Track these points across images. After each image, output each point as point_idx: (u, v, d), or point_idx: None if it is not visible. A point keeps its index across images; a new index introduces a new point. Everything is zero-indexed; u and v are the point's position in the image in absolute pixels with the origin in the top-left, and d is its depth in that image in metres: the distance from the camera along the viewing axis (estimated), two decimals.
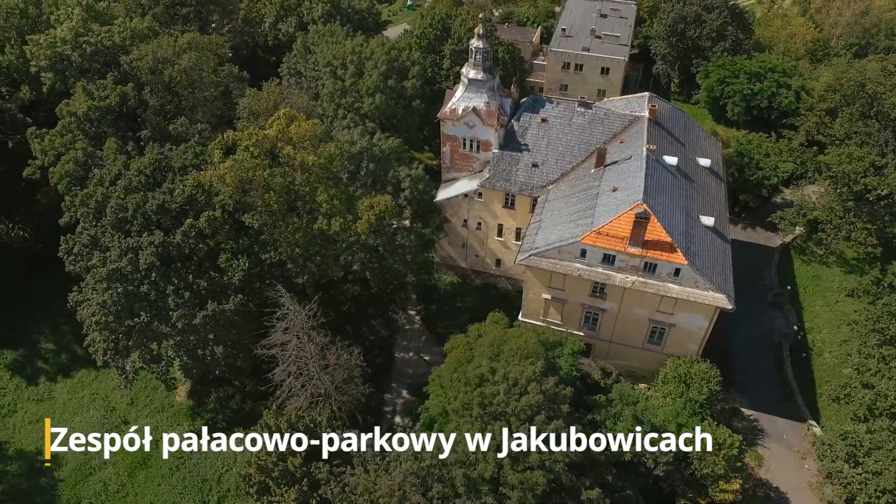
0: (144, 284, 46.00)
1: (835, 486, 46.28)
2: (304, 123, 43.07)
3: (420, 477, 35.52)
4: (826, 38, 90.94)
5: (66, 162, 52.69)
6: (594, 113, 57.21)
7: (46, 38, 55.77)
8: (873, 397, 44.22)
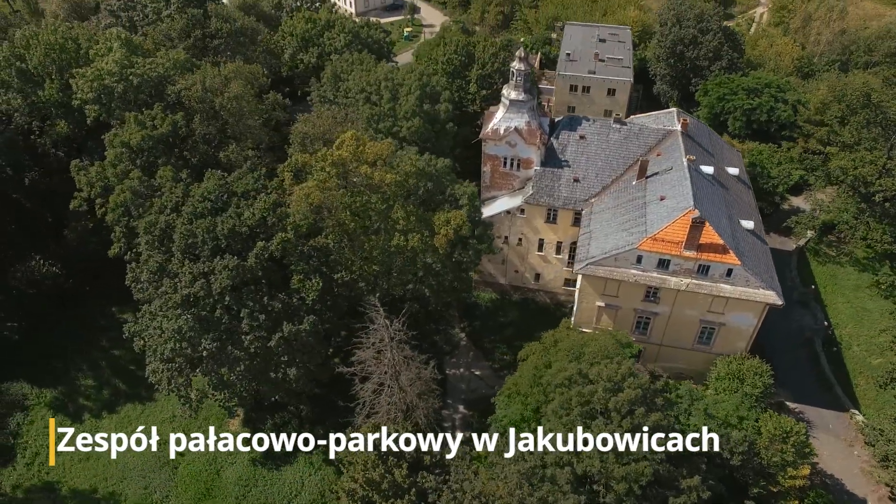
0: (217, 309, 46.38)
1: (892, 468, 48.84)
2: (379, 143, 44.65)
3: (528, 478, 36.64)
4: (809, 54, 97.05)
5: (121, 191, 52.98)
6: (629, 129, 60.30)
7: (93, 71, 56.26)
8: None
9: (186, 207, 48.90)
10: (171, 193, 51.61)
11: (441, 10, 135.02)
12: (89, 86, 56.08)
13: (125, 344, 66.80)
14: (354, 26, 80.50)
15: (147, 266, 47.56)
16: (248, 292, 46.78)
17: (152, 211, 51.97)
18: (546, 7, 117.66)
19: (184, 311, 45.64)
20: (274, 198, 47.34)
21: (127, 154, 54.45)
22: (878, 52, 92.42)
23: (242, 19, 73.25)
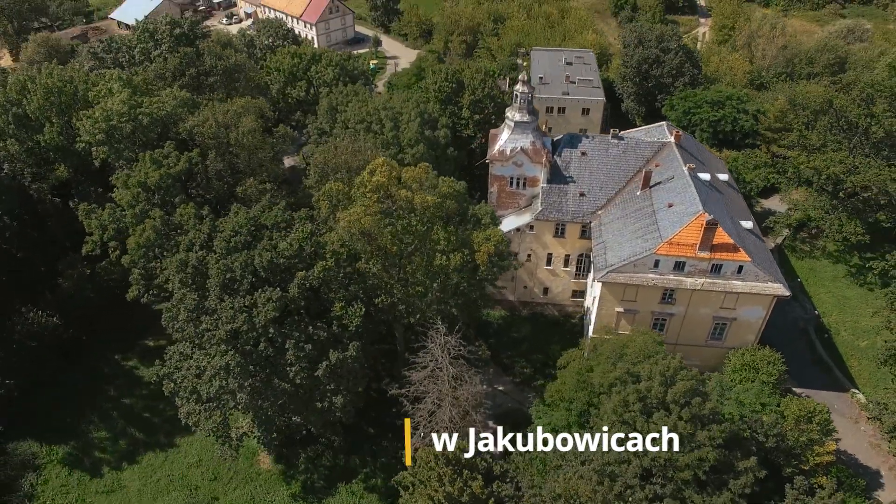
0: (261, 342, 46.42)
1: None
2: (417, 168, 46.23)
3: (604, 475, 38.30)
4: (758, 68, 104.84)
5: (142, 232, 52.39)
6: (626, 143, 63.99)
7: (102, 112, 55.68)
8: None
9: (218, 243, 48.89)
10: (197, 231, 51.44)
11: (402, 42, 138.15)
12: (98, 127, 55.40)
13: (136, 391, 65.93)
14: (339, 59, 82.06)
15: (184, 304, 47.09)
16: (291, 323, 47.01)
17: (179, 249, 51.66)
18: (508, 35, 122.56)
19: (229, 347, 45.40)
20: (310, 227, 47.96)
21: (144, 194, 53.89)
22: (818, 63, 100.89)
23: (235, 56, 73.69)
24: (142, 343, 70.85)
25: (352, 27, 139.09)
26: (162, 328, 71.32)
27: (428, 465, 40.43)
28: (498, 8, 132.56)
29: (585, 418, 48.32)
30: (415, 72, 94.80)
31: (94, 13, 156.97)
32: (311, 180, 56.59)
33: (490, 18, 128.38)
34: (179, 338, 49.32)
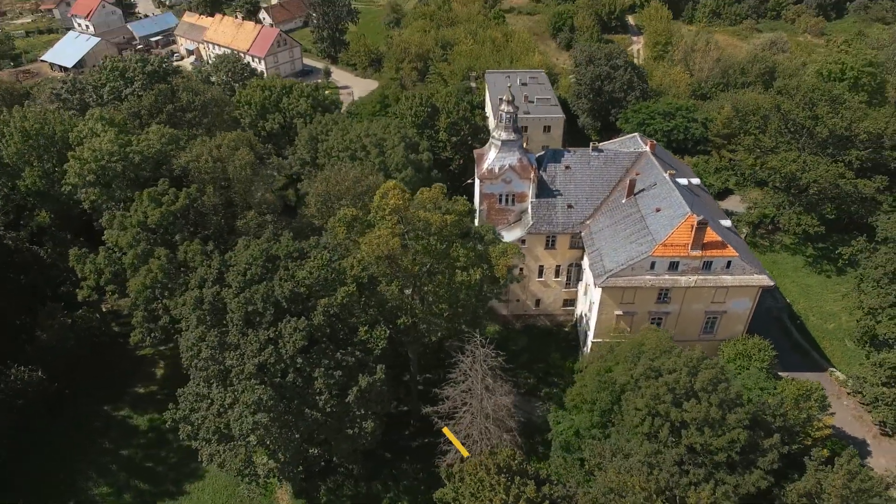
0: (290, 373, 46.13)
1: (882, 408, 57.59)
2: (432, 189, 47.52)
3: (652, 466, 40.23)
4: (698, 80, 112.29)
5: (147, 272, 51.17)
6: (605, 155, 67.46)
7: (92, 153, 54.14)
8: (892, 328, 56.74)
9: (233, 277, 48.32)
10: (206, 267, 50.67)
11: (351, 72, 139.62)
12: (88, 168, 53.85)
13: (133, 440, 63.50)
14: (310, 90, 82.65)
15: (206, 342, 46.21)
16: (317, 351, 46.93)
17: (189, 287, 50.71)
18: (458, 60, 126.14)
19: (259, 381, 44.85)
20: (328, 255, 48.25)
21: (144, 233, 52.67)
22: (750, 73, 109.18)
23: (210, 90, 73.00)
24: (131, 391, 68.26)
25: (300, 59, 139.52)
26: (150, 373, 70.35)
27: (477, 476, 41.12)
28: (445, 34, 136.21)
29: (608, 418, 50.34)
30: (378, 99, 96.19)
31: (21, 56, 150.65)
32: (311, 209, 56.77)
33: (438, 45, 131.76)
34: (198, 377, 48.03)
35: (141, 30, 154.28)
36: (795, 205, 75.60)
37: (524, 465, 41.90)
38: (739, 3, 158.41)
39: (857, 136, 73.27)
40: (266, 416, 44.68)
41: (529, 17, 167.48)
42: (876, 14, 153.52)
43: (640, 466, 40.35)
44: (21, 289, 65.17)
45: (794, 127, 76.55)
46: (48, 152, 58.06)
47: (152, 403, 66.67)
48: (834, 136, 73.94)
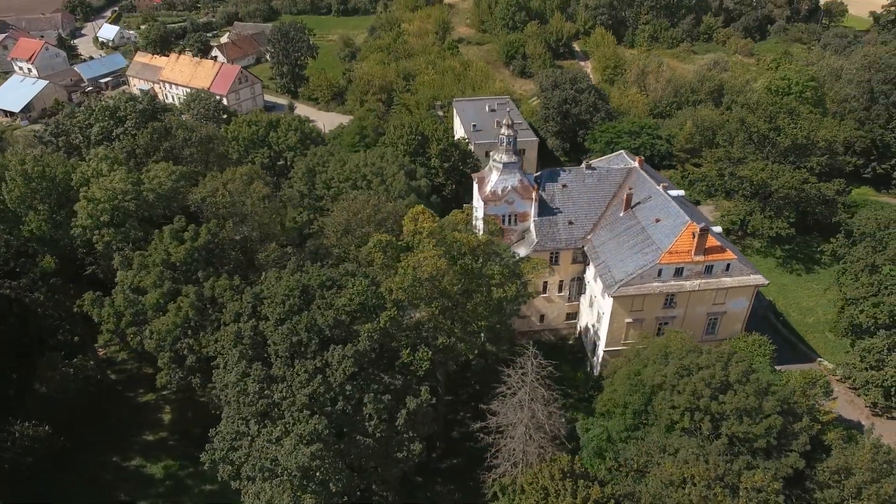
0: (340, 401, 46.37)
1: (873, 390, 62.45)
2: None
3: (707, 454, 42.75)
4: (653, 100, 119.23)
5: (177, 311, 50.42)
6: (598, 172, 71.10)
7: (105, 192, 52.99)
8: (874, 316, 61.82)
9: (271, 310, 48.36)
10: (239, 301, 50.41)
11: (314, 107, 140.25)
12: (101, 208, 52.72)
13: (150, 491, 61.24)
14: (297, 123, 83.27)
15: (253, 376, 45.88)
16: (364, 377, 47.38)
17: (221, 323, 50.27)
18: (422, 90, 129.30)
19: (311, 412, 44.86)
20: (366, 281, 49.01)
21: (169, 273, 51.90)
22: (700, 92, 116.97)
23: (205, 126, 72.51)
24: (138, 438, 65.88)
25: (261, 96, 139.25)
26: (156, 419, 68.14)
27: (539, 485, 42.38)
28: (406, 66, 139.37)
29: (640, 419, 52.71)
30: (356, 130, 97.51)
31: None
32: (332, 238, 57.27)
33: (401, 77, 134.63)
34: (235, 414, 47.25)
35: (88, 72, 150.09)
36: (766, 210, 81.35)
37: (585, 469, 43.48)
38: (674, 28, 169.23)
39: (815, 144, 80.00)
40: (320, 446, 44.62)
41: (479, 47, 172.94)
42: (794, 35, 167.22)
43: (695, 459, 42.68)
44: (18, 339, 62.27)
45: (758, 138, 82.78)
46: (50, 196, 56.43)
47: (164, 450, 64.58)
48: (795, 145, 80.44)
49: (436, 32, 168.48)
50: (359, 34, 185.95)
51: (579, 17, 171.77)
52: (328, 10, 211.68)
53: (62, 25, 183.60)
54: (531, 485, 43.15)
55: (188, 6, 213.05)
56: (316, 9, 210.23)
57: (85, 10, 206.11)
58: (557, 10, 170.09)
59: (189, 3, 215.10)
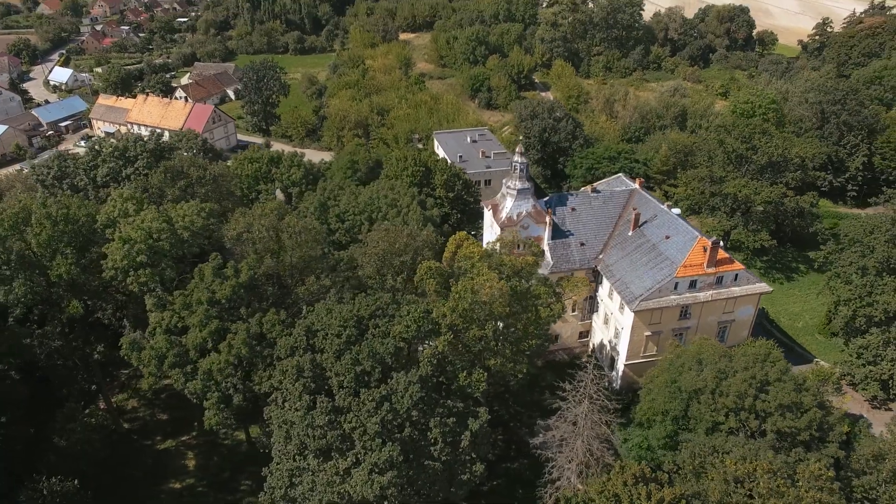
0: (407, 427, 46.98)
1: (872, 384, 67.38)
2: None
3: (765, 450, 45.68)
4: (623, 126, 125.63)
5: (228, 350, 50.07)
6: (603, 195, 74.84)
7: (140, 232, 52.26)
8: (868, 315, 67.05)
9: (328, 342, 48.81)
10: (294, 336, 50.54)
11: (287, 144, 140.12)
12: (137, 248, 52.03)
13: None
14: (297, 159, 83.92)
15: (320, 408, 45.98)
16: (428, 401, 48.20)
17: (274, 358, 50.25)
18: (399, 124, 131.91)
19: (383, 440, 45.27)
20: (420, 308, 50.14)
21: (215, 310, 51.55)
22: (666, 117, 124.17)
23: (215, 164, 72.22)
24: (165, 487, 63.77)
25: (234, 135, 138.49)
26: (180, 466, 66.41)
27: (612, 493, 44.05)
28: (379, 101, 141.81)
29: (679, 425, 55.34)
30: (347, 165, 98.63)
31: None
32: (369, 269, 58.11)
33: (375, 112, 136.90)
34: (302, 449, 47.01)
35: (47, 115, 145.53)
36: (749, 224, 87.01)
37: (654, 474, 45.49)
38: (626, 58, 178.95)
39: (790, 161, 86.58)
40: (395, 473, 45.01)
41: (441, 81, 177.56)
42: (734, 63, 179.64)
43: (754, 454, 45.39)
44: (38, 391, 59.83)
45: (736, 157, 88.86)
46: (76, 239, 55.19)
47: (195, 497, 62.81)
48: (770, 163, 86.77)
49: (399, 68, 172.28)
50: (320, 72, 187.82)
51: (536, 50, 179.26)
52: (285, 49, 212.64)
53: (9, 69, 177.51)
54: (601, 493, 44.71)
55: (140, 48, 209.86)
56: (273, 48, 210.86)
57: (30, 54, 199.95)
58: (516, 44, 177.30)
59: (140, 45, 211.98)
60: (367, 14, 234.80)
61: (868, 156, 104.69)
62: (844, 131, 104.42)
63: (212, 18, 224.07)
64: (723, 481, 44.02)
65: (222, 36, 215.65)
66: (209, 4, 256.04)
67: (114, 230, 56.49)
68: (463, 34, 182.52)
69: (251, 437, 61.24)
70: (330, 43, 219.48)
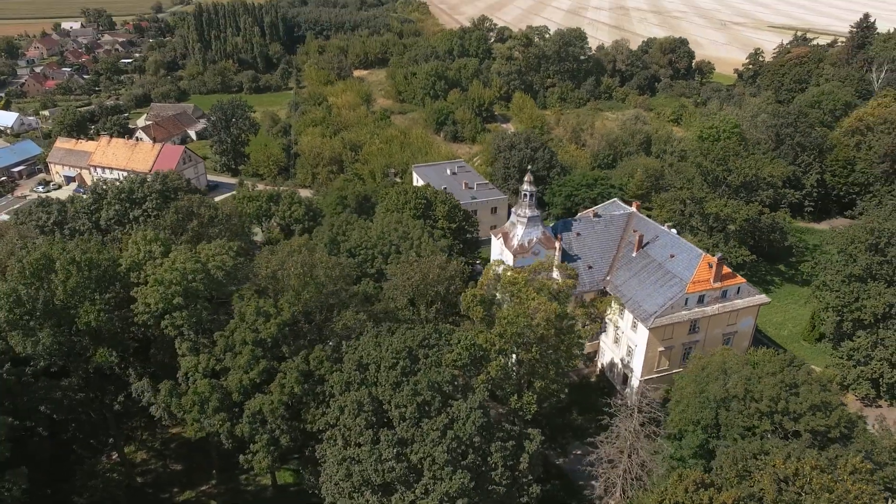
0: (470, 454, 47.61)
1: (863, 383, 72.42)
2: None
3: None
4: (592, 154, 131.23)
5: (280, 390, 49.56)
6: (604, 220, 78.29)
7: (174, 274, 51.17)
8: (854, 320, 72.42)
9: (383, 374, 49.10)
10: (345, 371, 50.52)
11: (259, 182, 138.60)
12: (174, 290, 51.00)
13: None
14: (297, 196, 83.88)
15: (387, 442, 46.03)
16: (487, 426, 49.00)
17: (330, 393, 50.10)
18: (373, 159, 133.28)
19: (454, 468, 45.70)
20: (471, 335, 51.19)
21: (260, 350, 50.94)
22: (632, 144, 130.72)
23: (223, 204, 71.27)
24: None
25: (204, 175, 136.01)
26: None
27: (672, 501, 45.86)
28: (351, 137, 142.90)
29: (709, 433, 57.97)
30: (337, 201, 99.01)
31: None
32: (401, 302, 58.72)
33: (348, 148, 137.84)
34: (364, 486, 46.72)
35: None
36: (730, 241, 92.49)
37: (711, 479, 47.59)
38: (579, 89, 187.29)
39: (763, 180, 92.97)
40: (466, 500, 45.40)
41: (403, 116, 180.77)
42: (678, 91, 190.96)
43: (798, 454, 48.25)
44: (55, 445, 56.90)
45: (713, 179, 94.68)
46: (102, 284, 53.50)
47: None
48: (745, 183, 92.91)
49: (362, 104, 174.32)
50: (279, 109, 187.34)
51: (494, 84, 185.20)
52: (239, 88, 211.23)
53: None
54: (661, 503, 46.45)
55: (86, 90, 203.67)
56: (227, 88, 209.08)
57: None
58: (475, 78, 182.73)
59: (87, 86, 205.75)
60: (318, 52, 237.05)
61: (820, 173, 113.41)
62: (798, 151, 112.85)
63: (160, 59, 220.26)
64: (773, 481, 46.58)
65: (172, 76, 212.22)
66: (153, 45, 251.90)
67: (139, 273, 55.15)
68: (422, 70, 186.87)
69: (293, 477, 59.83)
70: (285, 81, 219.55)
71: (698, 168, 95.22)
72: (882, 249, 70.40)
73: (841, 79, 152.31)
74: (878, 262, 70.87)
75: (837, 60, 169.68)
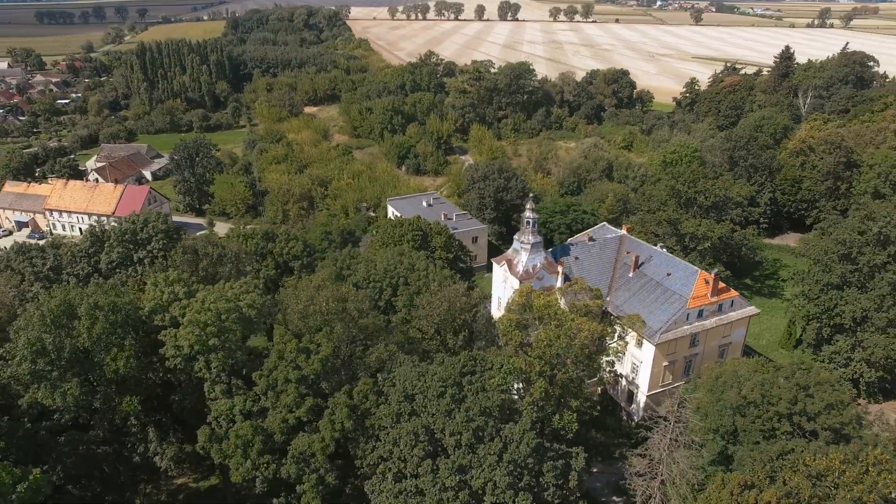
0: (525, 475, 48.52)
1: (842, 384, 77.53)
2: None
3: None
4: (559, 181, 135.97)
5: (329, 427, 49.12)
6: (599, 243, 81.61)
7: (206, 315, 50.02)
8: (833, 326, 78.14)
9: (431, 404, 49.56)
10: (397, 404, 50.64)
11: (226, 221, 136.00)
12: (209, 332, 49.93)
13: None
14: (293, 233, 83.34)
15: (447, 469, 46.30)
16: (537, 447, 50.07)
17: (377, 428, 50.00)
18: (344, 194, 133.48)
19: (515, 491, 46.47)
20: (512, 361, 52.36)
21: (305, 388, 50.36)
22: (595, 170, 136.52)
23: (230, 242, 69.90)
24: None
25: (170, 215, 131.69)
26: None
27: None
28: (318, 173, 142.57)
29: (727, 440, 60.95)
30: (322, 237, 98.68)
31: None
32: (430, 332, 59.31)
33: (316, 184, 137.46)
34: None
35: None
36: (706, 258, 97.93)
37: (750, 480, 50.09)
38: (530, 119, 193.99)
39: (731, 200, 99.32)
40: None
41: (361, 151, 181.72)
42: (623, 119, 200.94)
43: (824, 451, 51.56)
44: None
45: (685, 200, 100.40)
46: (125, 329, 51.65)
47: None
48: (715, 203, 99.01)
49: (321, 141, 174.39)
50: (234, 147, 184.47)
51: (449, 117, 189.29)
52: (189, 127, 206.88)
53: None
54: None
55: (24, 131, 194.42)
56: (175, 127, 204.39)
57: None
58: (431, 112, 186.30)
59: (24, 128, 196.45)
60: (267, 90, 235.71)
61: (772, 192, 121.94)
62: (751, 172, 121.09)
63: (102, 99, 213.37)
64: (806, 478, 49.61)
65: (117, 116, 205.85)
66: (90, 85, 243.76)
67: (163, 316, 53.70)
68: (378, 105, 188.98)
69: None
70: (236, 119, 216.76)
71: (671, 191, 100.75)
72: (854, 258, 76.61)
73: (773, 104, 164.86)
74: (850, 271, 77.02)
75: (767, 88, 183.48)
